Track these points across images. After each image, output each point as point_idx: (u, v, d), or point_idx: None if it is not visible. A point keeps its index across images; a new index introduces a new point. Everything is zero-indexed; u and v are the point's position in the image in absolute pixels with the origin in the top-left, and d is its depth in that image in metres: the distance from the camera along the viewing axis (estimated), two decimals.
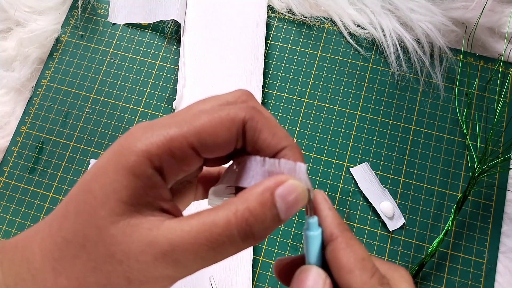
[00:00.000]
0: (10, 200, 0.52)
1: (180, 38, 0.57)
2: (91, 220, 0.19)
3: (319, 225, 0.22)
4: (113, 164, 0.20)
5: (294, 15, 0.57)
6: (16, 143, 0.54)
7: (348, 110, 0.54)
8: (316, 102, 0.54)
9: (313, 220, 0.22)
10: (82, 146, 0.54)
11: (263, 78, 0.55)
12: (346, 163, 0.52)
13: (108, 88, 0.56)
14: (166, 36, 0.58)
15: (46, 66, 0.57)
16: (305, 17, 0.57)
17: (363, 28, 0.56)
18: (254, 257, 0.48)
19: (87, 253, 0.19)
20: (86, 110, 0.55)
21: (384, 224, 0.49)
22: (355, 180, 0.51)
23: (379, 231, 0.49)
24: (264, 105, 0.54)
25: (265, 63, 0.56)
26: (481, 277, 0.47)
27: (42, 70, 0.57)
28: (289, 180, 0.20)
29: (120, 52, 0.57)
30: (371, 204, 0.50)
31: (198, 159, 0.21)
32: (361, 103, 0.54)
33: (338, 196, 0.50)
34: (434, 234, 0.49)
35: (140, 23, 0.59)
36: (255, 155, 0.22)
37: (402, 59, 0.54)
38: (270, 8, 0.58)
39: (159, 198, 0.20)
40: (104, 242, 0.19)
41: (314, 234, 0.22)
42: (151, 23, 0.58)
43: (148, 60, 0.57)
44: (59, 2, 0.59)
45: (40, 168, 0.53)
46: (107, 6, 0.59)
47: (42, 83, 0.57)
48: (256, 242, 0.20)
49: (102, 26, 0.59)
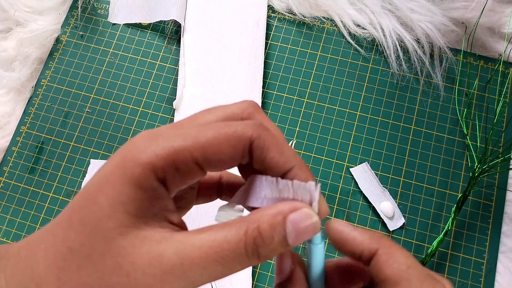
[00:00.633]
0: (10, 200, 0.52)
1: (180, 38, 0.57)
2: (98, 231, 0.19)
3: (323, 238, 0.22)
4: (118, 176, 0.20)
5: (294, 15, 0.57)
6: (16, 143, 0.54)
7: (348, 110, 0.54)
8: (316, 102, 0.54)
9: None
10: (82, 146, 0.54)
11: (263, 78, 0.55)
12: (346, 163, 0.52)
13: (108, 88, 0.56)
14: (166, 36, 0.58)
15: (46, 66, 0.57)
16: (305, 17, 0.57)
17: (363, 28, 0.56)
18: None
19: (93, 263, 0.19)
20: (86, 110, 0.55)
21: (384, 224, 0.49)
22: (355, 180, 0.51)
23: (379, 231, 0.49)
24: (264, 105, 0.54)
25: (265, 63, 0.56)
26: (481, 277, 0.47)
27: (42, 70, 0.57)
28: (304, 208, 0.20)
29: (120, 52, 0.57)
30: (371, 204, 0.50)
31: (201, 173, 0.21)
32: (361, 103, 0.54)
33: (338, 196, 0.50)
34: (434, 234, 0.49)
35: (140, 23, 0.59)
36: (263, 173, 0.22)
37: (402, 59, 0.54)
38: (270, 8, 0.58)
39: (164, 209, 0.20)
40: (111, 254, 0.19)
41: (318, 246, 0.22)
42: (151, 23, 0.58)
43: (148, 60, 0.57)
44: (59, 2, 0.59)
45: (40, 168, 0.53)
46: (107, 6, 0.59)
47: (42, 83, 0.57)
48: (261, 261, 0.20)
49: (102, 26, 0.59)
